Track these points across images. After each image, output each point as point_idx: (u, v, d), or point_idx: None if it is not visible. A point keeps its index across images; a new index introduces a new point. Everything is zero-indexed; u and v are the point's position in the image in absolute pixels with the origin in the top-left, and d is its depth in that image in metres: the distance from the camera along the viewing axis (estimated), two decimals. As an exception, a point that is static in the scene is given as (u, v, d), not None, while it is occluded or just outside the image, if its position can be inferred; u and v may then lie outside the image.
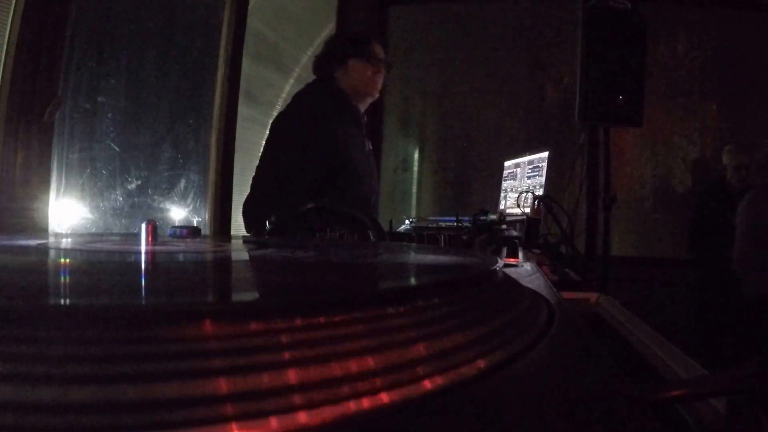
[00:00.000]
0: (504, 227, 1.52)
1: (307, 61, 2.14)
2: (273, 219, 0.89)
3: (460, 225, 1.54)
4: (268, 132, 1.72)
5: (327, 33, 2.96)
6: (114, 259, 0.41)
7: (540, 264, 0.99)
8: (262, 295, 0.28)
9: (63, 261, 0.41)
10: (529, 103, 3.24)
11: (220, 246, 0.53)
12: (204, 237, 0.62)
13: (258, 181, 1.66)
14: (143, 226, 0.47)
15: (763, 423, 0.22)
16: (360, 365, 0.21)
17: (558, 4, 3.19)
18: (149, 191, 1.95)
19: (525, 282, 0.47)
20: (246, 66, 2.38)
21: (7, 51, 1.42)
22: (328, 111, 1.60)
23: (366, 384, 0.20)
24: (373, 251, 0.55)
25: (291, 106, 1.72)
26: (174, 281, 0.32)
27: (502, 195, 2.39)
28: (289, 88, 2.86)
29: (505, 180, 2.41)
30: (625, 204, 2.97)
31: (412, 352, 0.23)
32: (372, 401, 0.20)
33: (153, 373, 0.18)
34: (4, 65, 1.42)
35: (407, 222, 2.05)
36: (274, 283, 0.32)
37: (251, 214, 1.63)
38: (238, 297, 0.28)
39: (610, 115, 2.35)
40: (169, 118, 2.07)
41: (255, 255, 0.50)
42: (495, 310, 0.30)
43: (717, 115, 3.07)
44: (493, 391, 0.22)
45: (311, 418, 0.18)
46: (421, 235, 1.29)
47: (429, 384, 0.22)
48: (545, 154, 2.09)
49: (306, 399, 0.19)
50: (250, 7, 2.40)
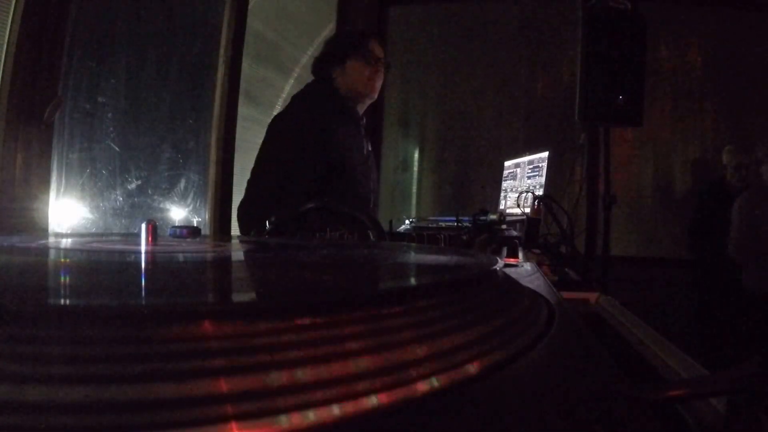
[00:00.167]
0: (504, 227, 1.51)
1: (307, 62, 2.14)
2: (273, 219, 0.89)
3: (460, 225, 1.54)
4: (265, 134, 1.71)
5: (327, 33, 2.96)
6: (114, 259, 0.41)
7: (540, 264, 0.99)
8: (261, 296, 0.28)
9: (63, 261, 0.41)
10: (529, 103, 3.24)
11: (220, 246, 0.53)
12: (204, 237, 0.62)
13: (255, 183, 1.65)
14: (143, 226, 0.47)
15: (763, 423, 0.22)
16: (360, 365, 0.21)
17: (558, 4, 3.19)
18: (149, 191, 1.95)
19: (525, 282, 0.47)
20: (246, 66, 2.39)
21: (7, 51, 1.42)
22: (326, 111, 1.60)
23: (366, 384, 0.20)
24: (373, 251, 0.55)
25: (289, 107, 1.71)
26: (174, 281, 0.32)
27: (502, 195, 2.39)
28: (289, 88, 2.86)
29: (505, 180, 2.41)
30: (625, 204, 2.96)
31: (412, 352, 0.23)
32: (372, 401, 0.20)
33: (153, 373, 0.18)
34: (4, 65, 1.42)
35: (407, 222, 2.05)
36: (273, 284, 0.32)
37: (249, 215, 1.61)
38: (237, 297, 0.28)
39: (610, 115, 2.34)
40: (169, 118, 2.07)
41: (255, 255, 0.50)
42: (495, 310, 0.30)
43: (717, 115, 3.07)
44: (493, 391, 0.22)
45: (312, 418, 0.18)
46: (421, 235, 1.29)
47: (429, 384, 0.22)
48: (545, 154, 2.09)
49: (306, 399, 0.19)
50: (250, 7, 2.40)
